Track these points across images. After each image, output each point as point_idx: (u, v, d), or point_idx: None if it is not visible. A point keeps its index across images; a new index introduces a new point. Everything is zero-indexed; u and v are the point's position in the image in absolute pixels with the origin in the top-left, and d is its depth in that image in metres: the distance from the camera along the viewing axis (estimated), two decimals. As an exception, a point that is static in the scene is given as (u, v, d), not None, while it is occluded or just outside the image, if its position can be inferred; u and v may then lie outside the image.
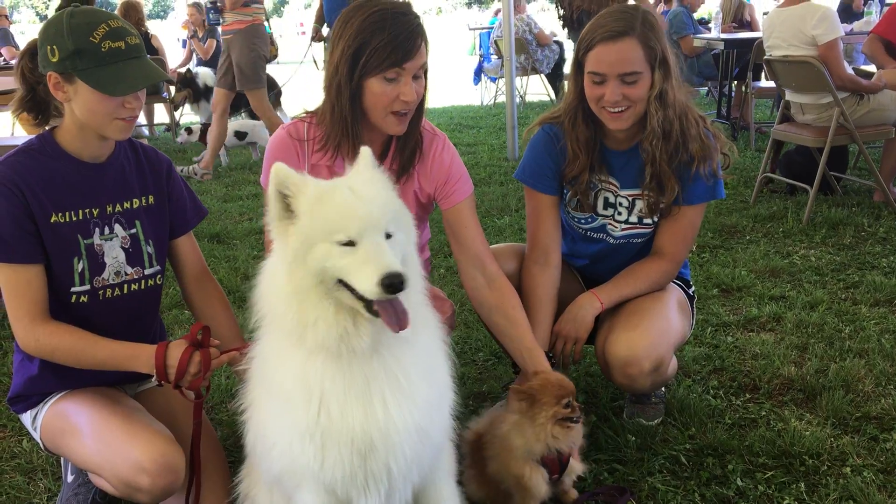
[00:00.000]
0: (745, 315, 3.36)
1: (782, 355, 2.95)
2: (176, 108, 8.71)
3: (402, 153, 2.25)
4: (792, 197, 5.15)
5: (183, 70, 9.08)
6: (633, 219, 2.43)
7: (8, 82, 5.42)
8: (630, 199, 2.41)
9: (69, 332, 1.93)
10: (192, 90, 8.44)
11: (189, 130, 7.67)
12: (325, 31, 7.38)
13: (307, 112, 2.29)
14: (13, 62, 7.94)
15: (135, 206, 2.11)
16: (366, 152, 1.67)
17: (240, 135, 7.32)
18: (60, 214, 1.96)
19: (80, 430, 1.99)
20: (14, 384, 2.13)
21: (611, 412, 2.61)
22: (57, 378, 2.06)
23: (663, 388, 2.64)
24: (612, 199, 2.42)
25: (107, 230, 2.05)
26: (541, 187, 2.43)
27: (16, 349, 2.09)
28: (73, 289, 2.00)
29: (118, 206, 2.08)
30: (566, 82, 2.44)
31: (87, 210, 2.02)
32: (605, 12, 2.27)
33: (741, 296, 3.59)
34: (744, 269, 3.90)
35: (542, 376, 2.10)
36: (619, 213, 2.43)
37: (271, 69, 7.45)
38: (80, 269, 2.00)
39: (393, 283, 1.46)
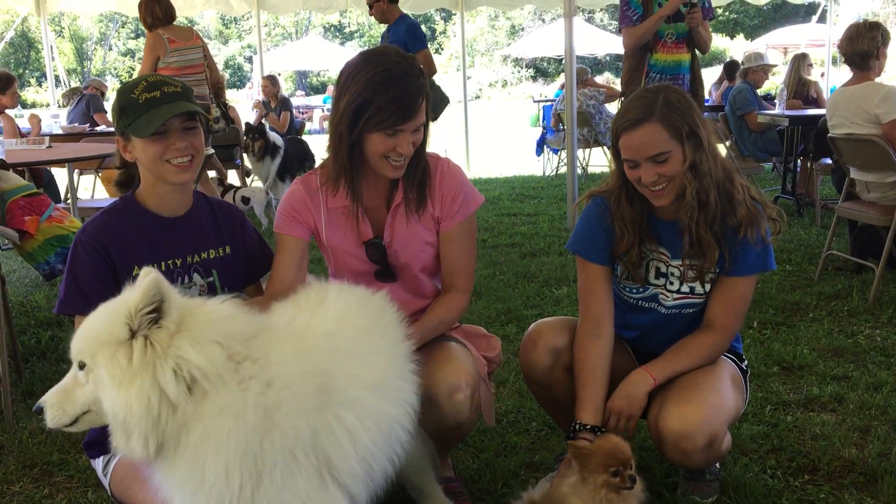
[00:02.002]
0: (805, 394, 3.29)
1: (843, 437, 2.88)
2: (252, 155, 8.81)
3: (412, 184, 2.34)
4: (858, 275, 5.06)
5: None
6: (685, 288, 2.45)
7: (94, 148, 5.76)
8: (681, 269, 2.43)
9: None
10: (264, 143, 8.68)
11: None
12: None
13: (317, 167, 2.44)
14: (104, 128, 8.40)
15: (211, 256, 2.26)
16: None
17: (245, 200, 7.48)
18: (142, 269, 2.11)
19: (148, 481, 2.07)
20: (92, 430, 2.23)
21: (664, 488, 2.58)
22: None
23: (718, 466, 2.60)
24: (663, 269, 2.45)
25: (186, 279, 2.20)
26: (593, 258, 2.47)
27: None
28: None
29: (196, 256, 2.23)
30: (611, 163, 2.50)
31: (169, 261, 2.16)
32: (630, 99, 2.36)
33: (802, 374, 3.53)
34: (806, 347, 3.83)
35: (601, 439, 2.14)
36: (671, 283, 2.46)
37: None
38: None
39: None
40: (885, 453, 2.75)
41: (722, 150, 5.53)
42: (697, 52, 5.68)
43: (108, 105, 11.69)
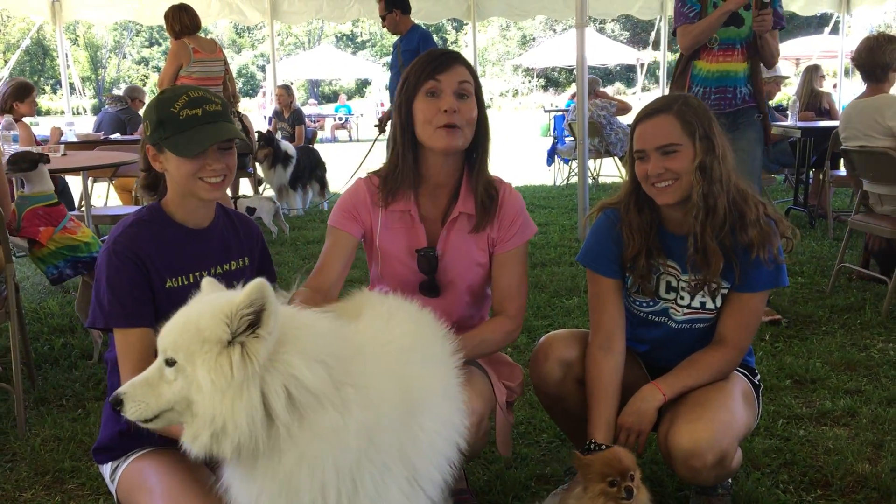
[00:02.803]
0: (818, 408, 3.28)
1: (856, 451, 2.86)
2: (260, 163, 8.90)
3: (478, 197, 2.36)
4: (871, 287, 5.03)
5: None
6: (696, 304, 2.44)
7: (109, 156, 5.80)
8: (693, 284, 2.42)
9: None
10: (273, 150, 8.74)
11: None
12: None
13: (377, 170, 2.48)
14: (118, 136, 8.46)
15: (233, 267, 2.27)
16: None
17: (250, 210, 7.46)
18: (174, 279, 2.12)
19: (154, 491, 2.08)
20: (102, 436, 2.25)
21: (676, 502, 2.57)
22: (143, 436, 2.16)
23: (730, 480, 2.58)
24: (674, 283, 2.44)
25: None
26: (603, 271, 2.46)
27: (106, 404, 2.21)
28: None
29: (220, 268, 2.24)
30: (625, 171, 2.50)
31: (197, 273, 2.17)
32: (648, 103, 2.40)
33: (815, 388, 3.51)
34: (818, 360, 3.81)
35: (607, 453, 2.13)
36: (682, 298, 2.45)
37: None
38: None
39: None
40: (899, 469, 2.73)
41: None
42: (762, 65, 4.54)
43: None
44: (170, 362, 1.59)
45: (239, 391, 1.50)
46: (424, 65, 2.28)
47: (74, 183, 7.86)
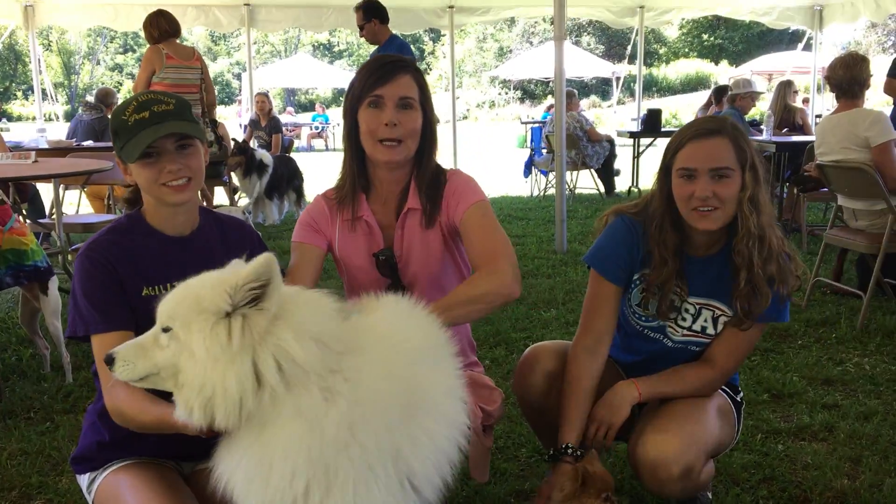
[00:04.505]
0: (796, 423, 3.28)
1: (835, 467, 2.87)
2: (231, 170, 8.78)
3: (424, 189, 2.33)
4: (846, 301, 5.07)
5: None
6: (697, 327, 2.41)
7: (81, 163, 5.70)
8: (697, 307, 2.39)
9: (135, 396, 1.91)
10: (246, 159, 8.64)
11: None
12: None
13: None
14: (91, 143, 8.33)
15: None
16: None
17: None
18: (150, 288, 2.06)
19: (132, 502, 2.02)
20: (81, 445, 2.18)
21: (656, 518, 2.55)
22: (122, 448, 2.10)
23: (710, 494, 2.57)
24: (677, 303, 2.40)
25: None
26: (610, 276, 2.41)
27: (87, 413, 2.18)
28: None
29: None
30: (652, 188, 2.43)
31: (175, 282, 2.10)
32: (694, 120, 2.34)
33: (792, 402, 3.51)
34: (796, 374, 3.82)
35: (591, 464, 2.12)
36: (684, 319, 2.42)
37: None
38: None
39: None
40: (878, 485, 2.74)
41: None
42: None
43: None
44: (165, 329, 1.62)
45: (232, 360, 1.52)
46: (368, 74, 2.25)
47: (46, 190, 7.73)
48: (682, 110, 27.93)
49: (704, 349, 2.45)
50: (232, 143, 8.62)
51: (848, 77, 4.98)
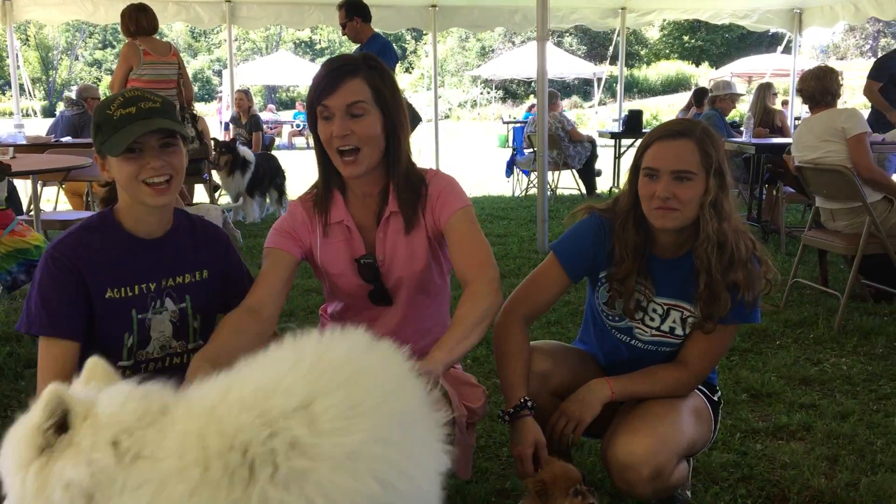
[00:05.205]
0: (774, 422, 3.31)
1: (812, 466, 2.90)
2: (220, 170, 8.71)
3: (403, 195, 2.27)
4: (823, 300, 5.13)
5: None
6: (665, 328, 2.43)
7: (59, 160, 5.64)
8: (665, 307, 2.41)
9: None
10: (232, 157, 8.61)
11: None
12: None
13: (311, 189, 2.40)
14: (69, 140, 8.24)
15: (187, 280, 2.18)
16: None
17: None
18: (116, 290, 2.04)
19: None
20: None
21: (635, 517, 2.57)
22: None
23: (689, 493, 2.59)
24: (643, 303, 2.42)
25: (158, 304, 2.11)
26: (568, 267, 2.43)
27: None
28: (119, 363, 2.04)
29: (171, 280, 2.15)
30: (623, 186, 2.44)
31: (143, 285, 2.08)
32: (666, 121, 2.37)
33: (771, 402, 3.55)
34: (774, 374, 3.86)
35: (549, 468, 2.10)
36: (652, 319, 2.43)
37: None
38: (129, 344, 2.06)
39: None
40: (854, 483, 2.77)
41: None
42: None
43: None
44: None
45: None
46: (315, 85, 2.16)
47: (23, 187, 7.65)
48: (663, 112, 28.14)
49: (676, 350, 2.46)
50: (212, 140, 8.57)
51: (820, 88, 5.13)
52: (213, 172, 8.83)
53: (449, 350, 2.04)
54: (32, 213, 5.56)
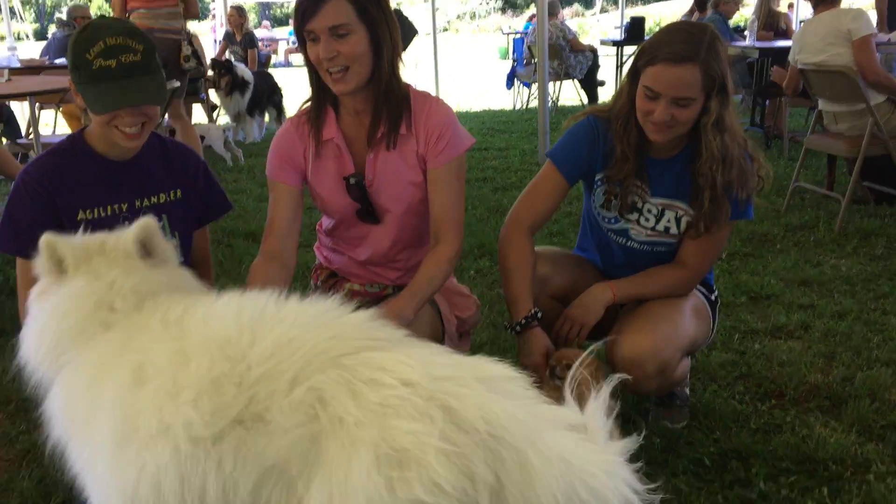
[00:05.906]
0: (773, 323, 3.37)
1: (809, 363, 2.97)
2: (220, 91, 8.62)
3: (388, 116, 2.26)
4: (824, 203, 5.14)
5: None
6: (660, 227, 2.45)
7: (55, 81, 5.58)
8: (660, 207, 2.43)
9: None
10: (231, 78, 8.51)
11: (172, 132, 7.63)
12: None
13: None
14: (64, 61, 8.11)
15: (162, 200, 2.21)
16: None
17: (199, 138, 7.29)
18: (88, 211, 2.07)
19: None
20: None
21: (637, 414, 2.65)
22: None
23: (687, 391, 2.67)
24: (639, 204, 2.44)
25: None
26: (565, 170, 2.44)
27: None
28: None
29: (146, 200, 2.18)
30: (621, 85, 2.41)
31: (115, 206, 2.11)
32: (674, 28, 2.29)
33: (770, 304, 3.61)
34: (773, 277, 3.91)
35: (556, 354, 2.23)
36: (647, 220, 2.46)
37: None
38: None
39: None
40: (849, 378, 2.84)
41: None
42: None
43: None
44: None
45: None
46: (297, 10, 2.11)
47: (20, 110, 7.59)
48: (666, 18, 27.43)
49: (672, 250, 2.50)
50: (209, 60, 8.43)
51: None
52: (211, 92, 8.73)
53: (412, 295, 2.17)
54: (32, 136, 5.54)
